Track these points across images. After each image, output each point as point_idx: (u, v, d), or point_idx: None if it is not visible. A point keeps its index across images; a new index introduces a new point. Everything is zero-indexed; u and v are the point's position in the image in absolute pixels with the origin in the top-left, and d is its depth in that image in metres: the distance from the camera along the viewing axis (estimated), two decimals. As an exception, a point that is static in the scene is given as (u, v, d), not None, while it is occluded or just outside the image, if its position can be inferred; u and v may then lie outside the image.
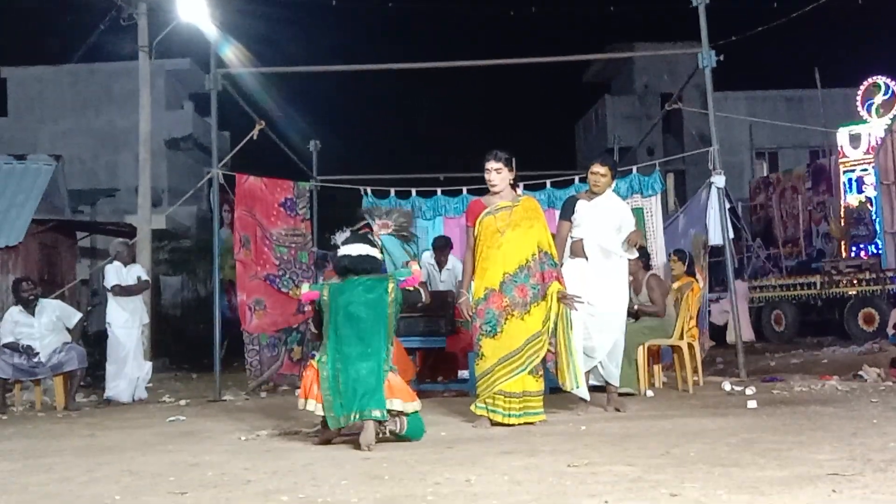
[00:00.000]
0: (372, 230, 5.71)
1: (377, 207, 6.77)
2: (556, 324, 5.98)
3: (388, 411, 5.10)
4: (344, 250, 5.52)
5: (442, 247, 9.56)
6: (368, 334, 5.23)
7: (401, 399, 5.14)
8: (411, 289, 5.52)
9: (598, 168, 6.63)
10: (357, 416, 5.03)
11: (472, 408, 5.98)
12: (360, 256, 5.46)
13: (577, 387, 6.10)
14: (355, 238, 5.60)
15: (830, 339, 14.66)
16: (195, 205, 22.99)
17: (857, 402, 6.59)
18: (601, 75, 35.57)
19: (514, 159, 6.12)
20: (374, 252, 5.53)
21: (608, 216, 6.59)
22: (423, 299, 5.61)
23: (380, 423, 5.11)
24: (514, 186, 6.20)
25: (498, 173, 6.05)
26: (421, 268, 6.82)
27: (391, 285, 5.36)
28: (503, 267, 5.91)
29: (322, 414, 5.17)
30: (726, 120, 21.60)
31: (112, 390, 8.95)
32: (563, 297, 5.95)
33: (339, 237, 5.66)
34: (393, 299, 5.33)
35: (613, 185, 6.85)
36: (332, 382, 5.13)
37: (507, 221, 5.98)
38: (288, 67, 11.66)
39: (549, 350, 6.08)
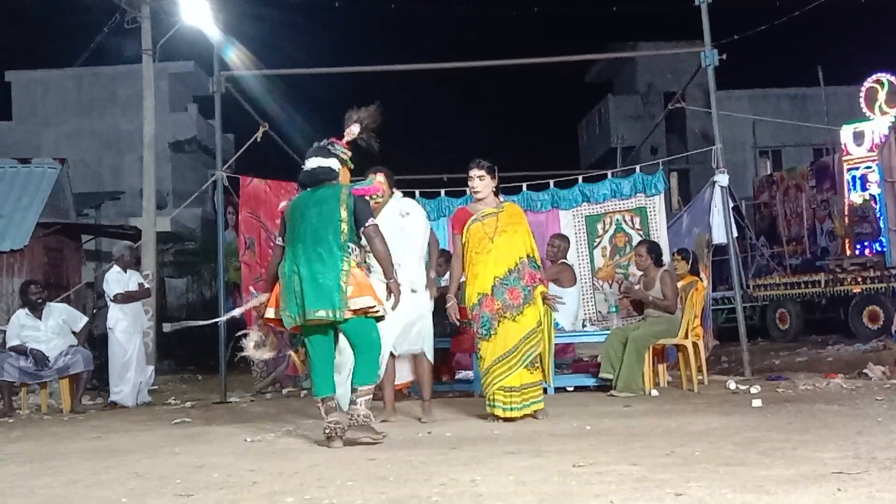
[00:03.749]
0: (341, 139, 5.71)
1: (354, 110, 6.48)
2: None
3: (350, 311, 5.19)
4: (305, 165, 5.60)
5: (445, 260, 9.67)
6: (322, 239, 5.29)
7: (370, 296, 5.27)
8: (368, 198, 5.53)
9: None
10: (308, 315, 5.16)
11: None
12: (312, 170, 5.53)
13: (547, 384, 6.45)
14: (315, 152, 5.61)
15: (835, 337, 14.61)
16: (200, 207, 23.02)
17: (862, 400, 6.59)
18: (604, 75, 35.56)
19: (496, 167, 6.30)
20: (329, 162, 5.54)
21: None
22: (374, 218, 5.50)
23: (349, 415, 5.25)
24: (496, 193, 6.36)
25: (481, 180, 6.24)
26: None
27: (344, 191, 5.40)
28: (493, 271, 6.10)
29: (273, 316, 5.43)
30: (729, 118, 21.55)
31: (116, 395, 8.95)
32: (546, 299, 6.19)
33: (310, 152, 5.69)
34: (345, 203, 5.34)
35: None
36: (289, 283, 5.27)
37: (495, 227, 6.16)
38: (291, 69, 11.67)
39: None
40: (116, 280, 9.15)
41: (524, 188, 10.62)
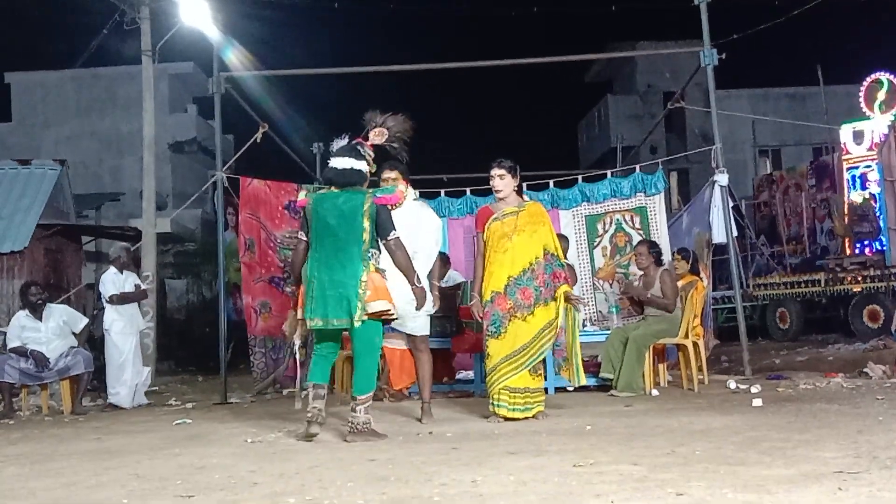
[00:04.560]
0: (367, 139, 5.72)
1: (376, 114, 6.44)
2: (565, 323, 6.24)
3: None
4: (332, 162, 5.60)
5: (441, 263, 9.66)
6: (343, 244, 5.37)
7: (385, 300, 5.39)
8: (390, 207, 5.54)
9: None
10: (326, 324, 5.34)
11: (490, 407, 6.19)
12: (344, 170, 5.55)
13: (580, 382, 6.48)
14: (345, 151, 5.61)
15: (835, 336, 14.62)
16: (200, 208, 23.02)
17: (863, 399, 6.59)
18: (603, 75, 35.56)
19: (517, 167, 6.33)
20: (360, 165, 5.58)
21: None
22: (396, 230, 5.50)
23: (349, 422, 5.39)
24: (519, 193, 6.42)
25: (502, 179, 6.28)
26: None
27: (368, 199, 5.44)
28: (508, 270, 6.14)
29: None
30: (729, 118, 21.54)
31: (113, 397, 8.94)
32: (569, 298, 6.20)
33: (335, 144, 5.66)
34: (367, 213, 5.40)
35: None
36: (308, 286, 5.39)
37: (514, 226, 6.20)
38: (291, 70, 11.68)
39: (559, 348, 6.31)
40: (112, 281, 9.14)
41: (524, 188, 10.62)
